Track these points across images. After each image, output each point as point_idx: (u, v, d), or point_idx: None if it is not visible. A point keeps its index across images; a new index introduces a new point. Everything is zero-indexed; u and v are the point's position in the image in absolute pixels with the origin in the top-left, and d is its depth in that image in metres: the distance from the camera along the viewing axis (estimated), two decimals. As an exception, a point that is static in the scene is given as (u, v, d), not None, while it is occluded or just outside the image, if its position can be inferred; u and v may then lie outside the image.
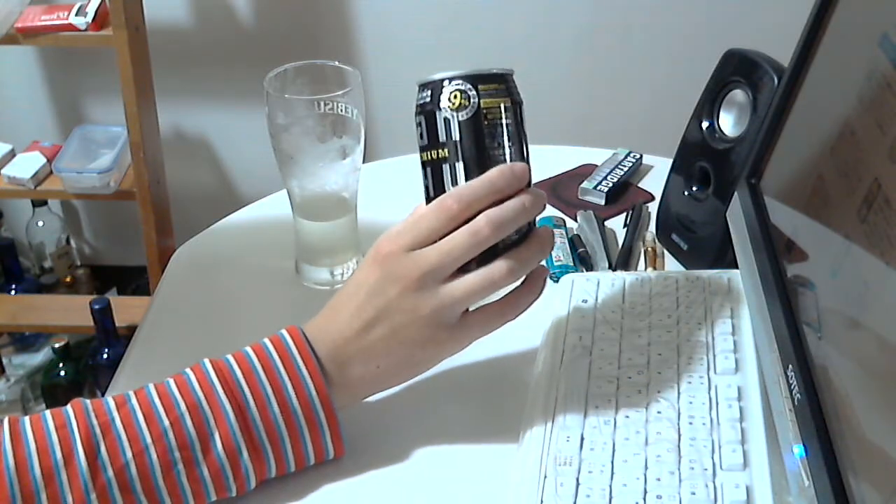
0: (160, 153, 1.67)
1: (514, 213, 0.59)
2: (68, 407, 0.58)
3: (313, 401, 0.59)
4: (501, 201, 0.59)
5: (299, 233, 0.81)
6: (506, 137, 0.61)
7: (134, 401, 0.58)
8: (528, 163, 0.62)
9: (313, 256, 0.81)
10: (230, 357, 0.61)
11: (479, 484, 0.62)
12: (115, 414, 0.58)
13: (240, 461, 0.58)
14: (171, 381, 0.59)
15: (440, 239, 0.59)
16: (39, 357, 1.91)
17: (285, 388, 0.59)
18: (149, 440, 0.57)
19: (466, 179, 0.60)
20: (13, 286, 1.96)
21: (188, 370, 0.60)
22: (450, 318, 0.60)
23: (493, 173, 0.59)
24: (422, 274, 0.59)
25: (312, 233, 0.80)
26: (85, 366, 1.74)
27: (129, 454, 0.56)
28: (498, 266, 0.60)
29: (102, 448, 0.56)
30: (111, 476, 0.56)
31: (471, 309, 0.62)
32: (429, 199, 0.62)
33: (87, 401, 0.59)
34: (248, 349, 0.61)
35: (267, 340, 0.61)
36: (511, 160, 0.61)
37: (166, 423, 0.57)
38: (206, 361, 0.60)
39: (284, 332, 0.61)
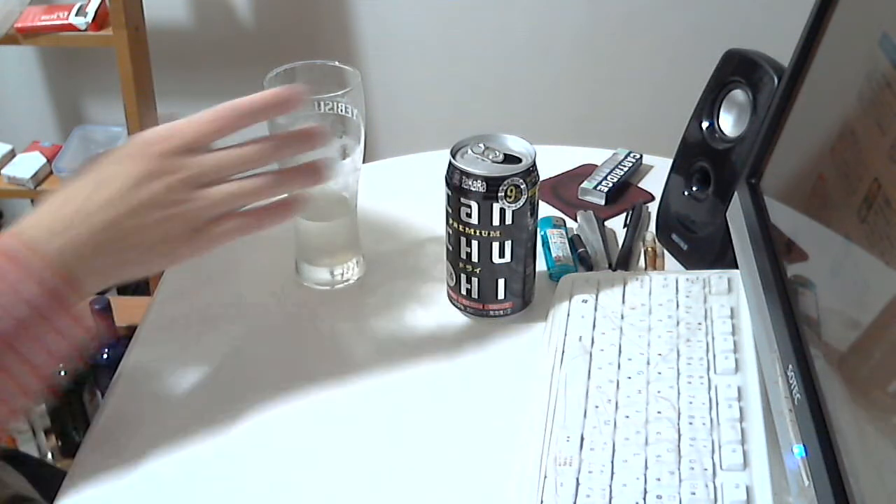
0: (160, 153, 1.67)
1: (297, 141, 0.64)
2: None
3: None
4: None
5: (299, 233, 0.81)
6: (538, 205, 0.72)
7: None
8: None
9: (313, 256, 0.81)
10: None
11: (479, 484, 0.62)
12: None
13: None
14: None
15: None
16: (39, 357, 1.90)
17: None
18: None
19: (513, 250, 0.72)
20: (13, 286, 1.95)
21: None
22: (202, 219, 0.61)
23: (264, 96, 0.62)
24: (191, 176, 0.60)
25: (312, 233, 0.80)
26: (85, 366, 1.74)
27: None
28: (255, 179, 0.62)
29: None
30: None
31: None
32: (472, 265, 0.73)
33: None
34: None
35: None
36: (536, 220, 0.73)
37: None
38: None
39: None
